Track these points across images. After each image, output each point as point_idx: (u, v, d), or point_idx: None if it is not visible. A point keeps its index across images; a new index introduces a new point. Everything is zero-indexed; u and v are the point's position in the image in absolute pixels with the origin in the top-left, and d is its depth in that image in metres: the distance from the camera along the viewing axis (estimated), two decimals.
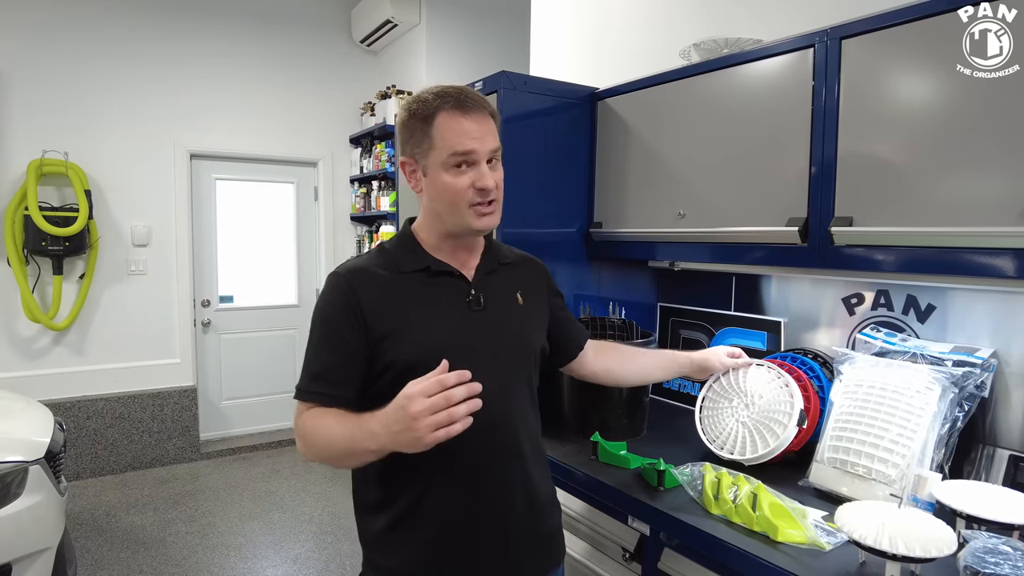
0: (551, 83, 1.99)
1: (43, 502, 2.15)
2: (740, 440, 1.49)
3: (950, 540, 0.97)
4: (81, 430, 4.05)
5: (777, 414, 1.46)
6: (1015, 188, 1.10)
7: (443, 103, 1.08)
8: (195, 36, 4.36)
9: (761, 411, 1.49)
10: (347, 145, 5.04)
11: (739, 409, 1.53)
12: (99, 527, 3.40)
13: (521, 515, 1.16)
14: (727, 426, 1.53)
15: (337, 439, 1.03)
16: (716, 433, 1.55)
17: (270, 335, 4.86)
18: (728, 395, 1.57)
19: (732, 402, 1.55)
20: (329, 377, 1.09)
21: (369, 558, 1.17)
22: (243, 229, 4.77)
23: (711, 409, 1.59)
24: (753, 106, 1.55)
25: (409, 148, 1.13)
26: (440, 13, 4.39)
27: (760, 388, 1.52)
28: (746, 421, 1.50)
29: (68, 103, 3.98)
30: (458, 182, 1.08)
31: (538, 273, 1.34)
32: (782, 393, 1.48)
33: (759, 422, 1.48)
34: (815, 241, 1.41)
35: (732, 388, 1.57)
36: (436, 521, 1.10)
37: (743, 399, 1.53)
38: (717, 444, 1.53)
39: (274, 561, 3.09)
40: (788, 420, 1.42)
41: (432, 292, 1.14)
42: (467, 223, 1.11)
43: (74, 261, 4.04)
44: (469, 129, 1.08)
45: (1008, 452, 1.35)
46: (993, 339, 1.42)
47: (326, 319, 1.11)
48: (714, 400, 1.60)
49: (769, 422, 1.46)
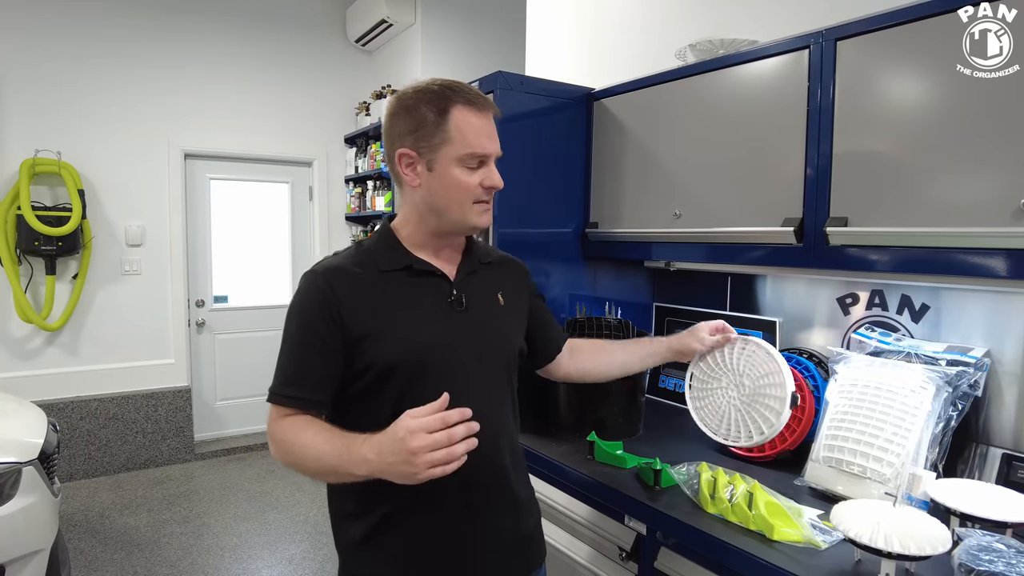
0: (547, 83, 1.99)
1: (36, 503, 2.14)
2: (735, 424, 1.47)
3: (945, 538, 0.98)
4: (75, 431, 4.03)
5: (768, 398, 1.41)
6: (1010, 188, 1.10)
7: (458, 97, 1.06)
8: (189, 36, 4.34)
9: (751, 392, 1.45)
10: (342, 145, 5.02)
11: (729, 390, 1.48)
12: (93, 528, 3.38)
13: (505, 518, 1.15)
14: (720, 409, 1.49)
15: (323, 456, 0.99)
16: (710, 418, 1.51)
17: (265, 335, 4.84)
18: (717, 375, 1.51)
19: (721, 382, 1.50)
20: (304, 381, 1.06)
21: (346, 565, 1.15)
22: (238, 229, 4.75)
23: (701, 391, 1.54)
24: (749, 107, 1.56)
25: (412, 140, 1.08)
26: (435, 13, 4.39)
27: (747, 366, 1.46)
28: (738, 404, 1.47)
29: (61, 103, 3.96)
30: (470, 180, 1.08)
31: (519, 274, 1.33)
32: (770, 366, 1.42)
33: (750, 404, 1.45)
34: (810, 241, 1.42)
35: (720, 368, 1.50)
36: (419, 530, 1.09)
37: (732, 379, 1.48)
38: (711, 429, 1.51)
39: (269, 562, 3.08)
40: (781, 406, 1.38)
41: (413, 292, 1.12)
42: (469, 220, 1.11)
43: (67, 261, 4.01)
44: (485, 128, 1.08)
45: (1001, 451, 1.37)
46: (986, 338, 1.43)
47: (302, 319, 1.08)
48: (703, 382, 1.53)
49: (761, 406, 1.42)
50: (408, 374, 1.06)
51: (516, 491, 1.18)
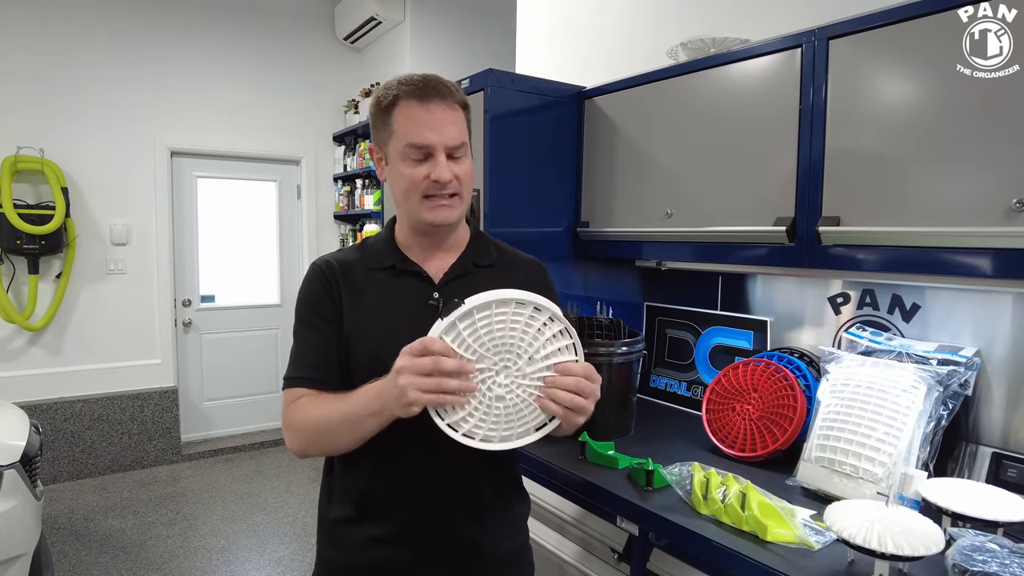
0: (538, 81, 1.98)
1: (18, 507, 2.10)
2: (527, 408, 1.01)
3: (938, 538, 0.98)
4: (58, 432, 3.97)
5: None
6: (1003, 187, 1.10)
7: (403, 91, 1.05)
8: (176, 32, 4.29)
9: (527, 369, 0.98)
10: (330, 143, 4.99)
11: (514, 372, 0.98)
12: (77, 531, 3.34)
13: (479, 532, 1.13)
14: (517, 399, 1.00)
15: (338, 407, 1.00)
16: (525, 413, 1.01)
17: (252, 335, 4.80)
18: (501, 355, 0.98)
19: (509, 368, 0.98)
20: (311, 362, 1.08)
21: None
22: (225, 228, 4.70)
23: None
24: (740, 106, 1.55)
25: (374, 134, 1.11)
26: (425, 11, 4.37)
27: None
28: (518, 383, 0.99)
29: (44, 99, 3.89)
30: (414, 173, 1.05)
31: (533, 275, 1.21)
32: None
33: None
34: (802, 241, 1.42)
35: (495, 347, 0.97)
36: (410, 542, 1.08)
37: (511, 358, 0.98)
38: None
39: (257, 564, 3.05)
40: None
41: (394, 292, 1.11)
42: (420, 215, 1.07)
43: (50, 260, 3.95)
44: (426, 119, 1.04)
45: (991, 449, 1.37)
46: (976, 338, 1.43)
47: (306, 305, 1.11)
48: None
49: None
50: (382, 373, 1.04)
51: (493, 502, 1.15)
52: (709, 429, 1.65)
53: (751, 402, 1.59)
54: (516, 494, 1.21)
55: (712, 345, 1.98)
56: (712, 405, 1.67)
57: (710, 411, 1.67)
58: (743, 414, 1.59)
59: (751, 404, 1.59)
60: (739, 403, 1.61)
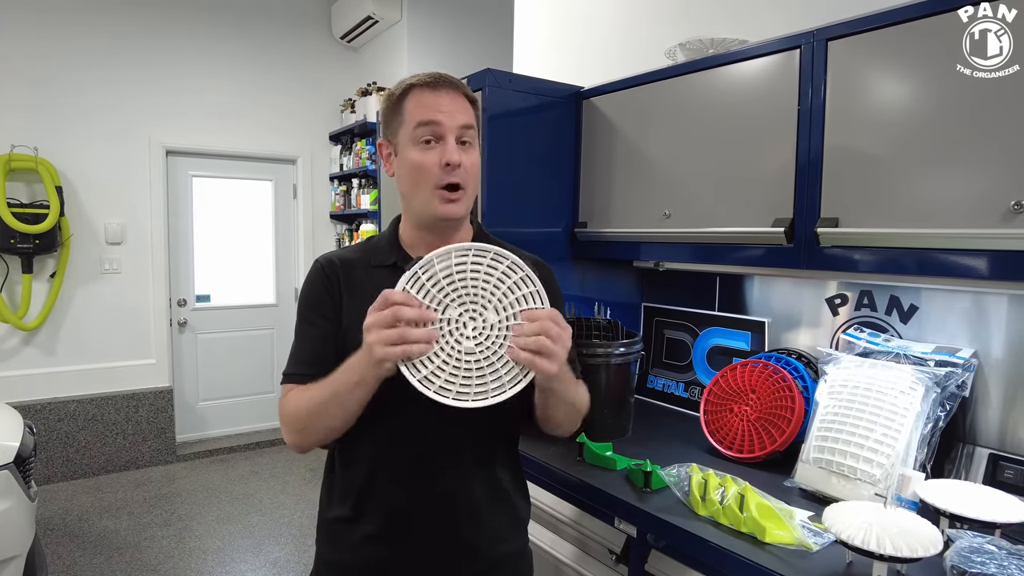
0: (536, 81, 1.98)
1: (12, 508, 2.08)
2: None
3: (936, 539, 0.98)
4: (52, 433, 3.95)
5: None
6: (1002, 189, 1.10)
7: (415, 80, 1.07)
8: (172, 31, 4.27)
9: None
10: (327, 142, 4.97)
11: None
12: (71, 532, 3.32)
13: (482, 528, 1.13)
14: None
15: (324, 388, 1.00)
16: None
17: (248, 335, 4.78)
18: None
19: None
20: (313, 359, 1.09)
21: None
22: (220, 227, 4.68)
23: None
24: (739, 107, 1.55)
25: (384, 129, 1.12)
26: (422, 10, 4.36)
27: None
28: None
29: (38, 98, 3.87)
30: (425, 158, 1.04)
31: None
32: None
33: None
34: (800, 242, 1.42)
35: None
36: (408, 541, 1.08)
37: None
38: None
39: (253, 565, 3.03)
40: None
41: None
42: (431, 207, 1.06)
43: (44, 259, 3.93)
44: (437, 103, 1.05)
45: (988, 451, 1.37)
46: (973, 339, 1.43)
47: (309, 304, 1.12)
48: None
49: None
50: None
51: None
52: (707, 430, 1.65)
53: (749, 403, 1.59)
54: (517, 495, 1.20)
55: (710, 346, 1.98)
56: (710, 406, 1.67)
57: (708, 412, 1.67)
58: (741, 415, 1.59)
59: (749, 405, 1.59)
60: (737, 404, 1.61)
